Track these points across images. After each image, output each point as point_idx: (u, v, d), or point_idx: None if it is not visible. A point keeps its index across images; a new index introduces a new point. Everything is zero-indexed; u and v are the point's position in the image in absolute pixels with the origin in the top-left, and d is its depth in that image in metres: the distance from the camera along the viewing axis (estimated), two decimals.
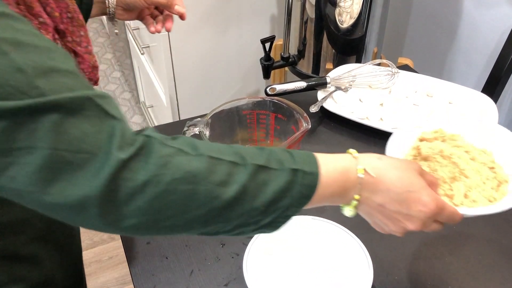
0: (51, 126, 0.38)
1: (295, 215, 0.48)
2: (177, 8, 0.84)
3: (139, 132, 0.43)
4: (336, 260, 0.69)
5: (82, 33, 0.64)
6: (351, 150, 0.52)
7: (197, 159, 0.43)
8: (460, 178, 0.62)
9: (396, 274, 0.70)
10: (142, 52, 1.70)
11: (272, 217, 0.46)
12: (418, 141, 0.68)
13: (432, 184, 0.54)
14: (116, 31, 1.02)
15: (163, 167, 0.41)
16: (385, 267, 0.71)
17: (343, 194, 0.50)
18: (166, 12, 0.86)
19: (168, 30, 0.85)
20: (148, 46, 1.68)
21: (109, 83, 2.78)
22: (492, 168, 0.64)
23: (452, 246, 0.75)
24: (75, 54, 0.64)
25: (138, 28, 1.71)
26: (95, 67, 0.68)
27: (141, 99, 2.40)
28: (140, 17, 0.87)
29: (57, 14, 0.60)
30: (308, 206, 0.48)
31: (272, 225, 0.47)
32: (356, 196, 0.50)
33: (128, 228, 0.42)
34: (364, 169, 0.50)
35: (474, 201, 0.60)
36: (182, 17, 0.85)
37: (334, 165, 0.49)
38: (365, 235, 0.73)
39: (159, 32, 0.85)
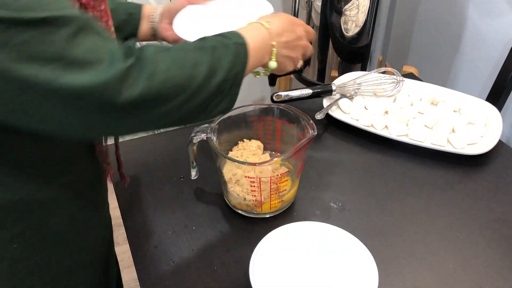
0: (68, 36, 0.45)
1: (244, 75, 0.62)
2: None
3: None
4: (341, 266, 0.70)
5: (102, 7, 0.60)
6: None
7: (173, 52, 0.55)
8: None
9: (401, 281, 0.71)
10: None
11: (232, 79, 0.60)
12: None
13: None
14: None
15: (157, 62, 0.51)
16: (390, 274, 0.72)
17: (265, 47, 0.67)
18: None
19: None
20: None
21: None
22: None
23: (456, 253, 0.75)
24: None
25: None
26: None
27: None
28: None
29: None
30: (249, 63, 0.63)
31: (234, 85, 0.61)
32: (273, 43, 0.68)
33: (135, 102, 0.49)
34: (267, 22, 0.69)
35: None
36: None
37: (251, 31, 0.66)
38: (370, 242, 0.73)
39: None
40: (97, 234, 0.72)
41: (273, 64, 0.69)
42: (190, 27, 0.81)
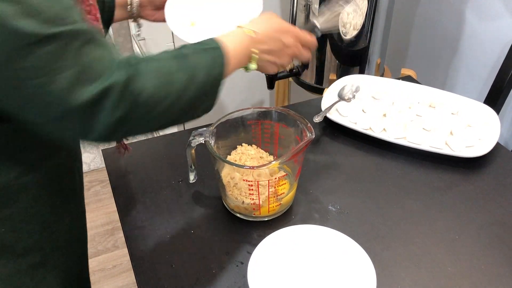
0: (77, 49, 0.50)
1: (223, 77, 0.65)
2: None
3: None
4: (339, 268, 0.70)
5: (91, 1, 0.65)
6: (239, 25, 0.71)
7: (167, 61, 0.60)
8: None
9: (399, 284, 0.71)
10: None
11: (211, 81, 0.63)
12: None
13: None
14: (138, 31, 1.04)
15: (146, 76, 0.56)
16: (388, 276, 0.72)
17: (245, 52, 0.69)
18: None
19: None
20: None
21: None
22: None
23: (454, 256, 0.75)
24: None
25: (144, 39, 1.73)
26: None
27: None
28: None
29: None
30: (228, 67, 0.65)
31: (214, 86, 0.64)
32: (255, 50, 0.70)
33: (141, 101, 0.55)
34: (252, 31, 0.70)
35: None
36: None
37: (232, 37, 0.68)
38: (369, 245, 0.74)
39: None
40: (73, 219, 0.76)
41: (252, 66, 0.72)
42: (180, 18, 0.90)
